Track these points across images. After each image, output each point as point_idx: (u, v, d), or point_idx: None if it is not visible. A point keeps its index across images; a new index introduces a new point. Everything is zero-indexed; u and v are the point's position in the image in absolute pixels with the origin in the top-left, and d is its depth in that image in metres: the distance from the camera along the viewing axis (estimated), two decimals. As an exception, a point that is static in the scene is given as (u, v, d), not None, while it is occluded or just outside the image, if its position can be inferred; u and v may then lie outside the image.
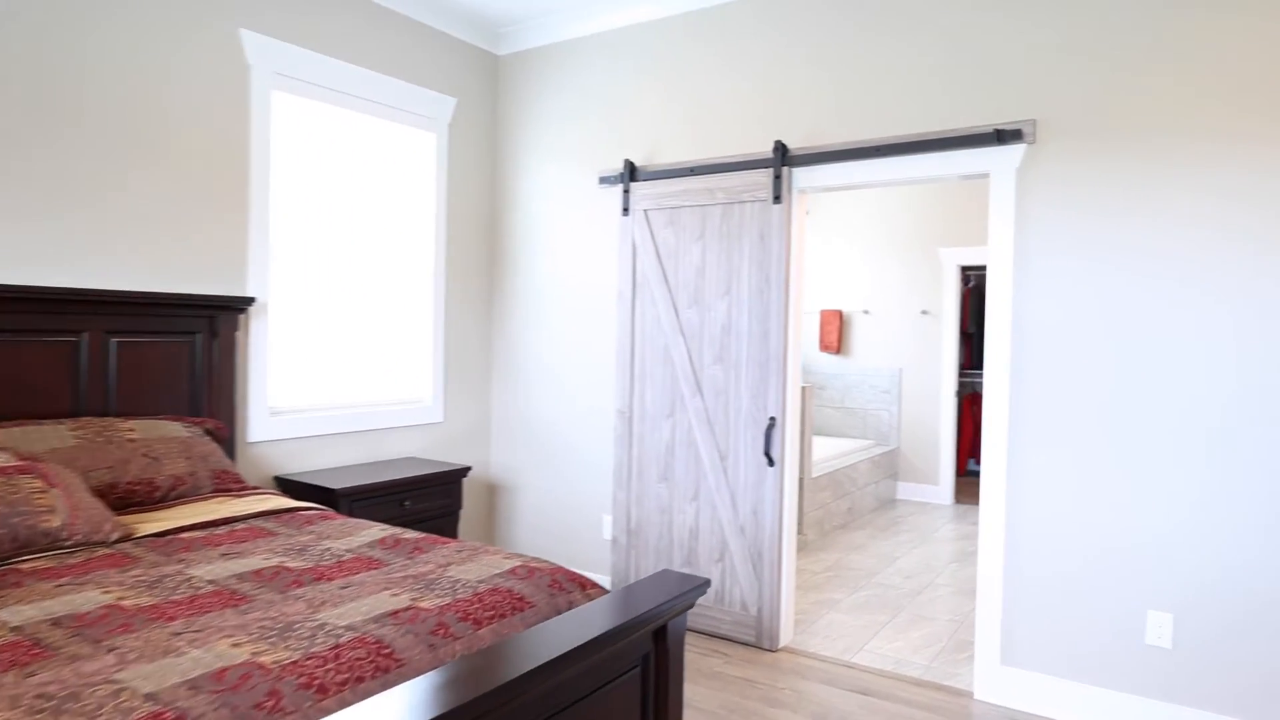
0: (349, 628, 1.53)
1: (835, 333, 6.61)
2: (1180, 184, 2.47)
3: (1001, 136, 2.68)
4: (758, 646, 3.28)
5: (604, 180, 3.81)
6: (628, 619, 1.58)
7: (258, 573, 1.86)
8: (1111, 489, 2.59)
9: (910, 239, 6.31)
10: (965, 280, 7.43)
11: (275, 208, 3.30)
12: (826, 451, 5.69)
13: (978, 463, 7.49)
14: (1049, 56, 2.68)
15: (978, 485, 6.96)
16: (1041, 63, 2.68)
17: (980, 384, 7.62)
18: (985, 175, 2.81)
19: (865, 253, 6.54)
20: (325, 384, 3.56)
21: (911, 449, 6.33)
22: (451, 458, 4.11)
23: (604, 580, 3.88)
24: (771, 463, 3.25)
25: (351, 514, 3.17)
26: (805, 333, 6.88)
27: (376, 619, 1.58)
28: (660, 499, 3.61)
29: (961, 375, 6.67)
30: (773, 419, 3.25)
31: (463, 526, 4.15)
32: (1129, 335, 2.57)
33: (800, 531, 4.84)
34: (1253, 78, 2.37)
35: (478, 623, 1.66)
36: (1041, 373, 2.72)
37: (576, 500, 3.99)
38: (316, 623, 1.55)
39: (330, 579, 1.83)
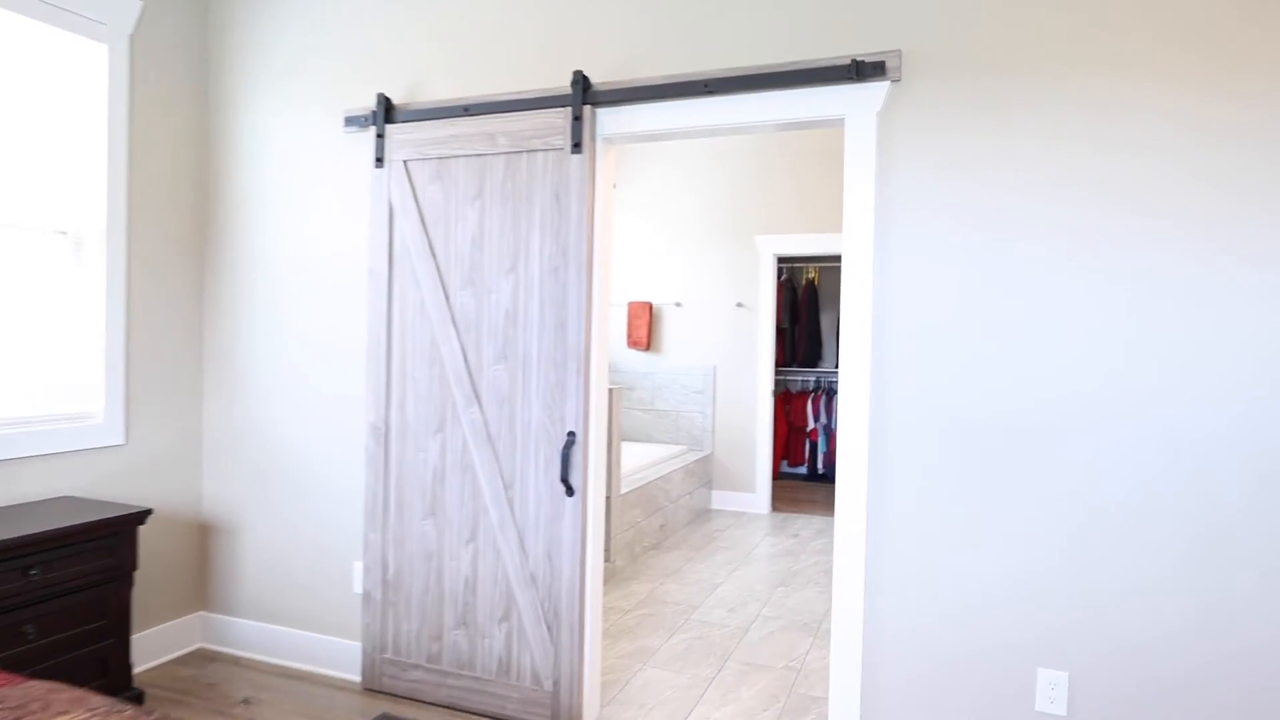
0: None
1: (645, 327, 6.03)
2: (1078, 132, 2.03)
3: (860, 71, 2.11)
4: (554, 732, 2.52)
5: (352, 122, 2.86)
6: None
7: None
8: (996, 514, 2.11)
9: (726, 224, 5.87)
10: (779, 273, 7.20)
11: None
12: (637, 461, 5.06)
13: (791, 465, 7.29)
14: (907, -20, 2.15)
15: (792, 491, 6.70)
16: (898, -13, 2.16)
17: (794, 383, 7.43)
18: (839, 120, 2.24)
19: (676, 238, 6.02)
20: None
21: (726, 454, 5.89)
22: (138, 493, 2.94)
23: (353, 648, 2.92)
24: (571, 491, 2.50)
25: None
26: (612, 327, 6.25)
27: None
28: (426, 540, 2.73)
29: (776, 373, 6.36)
30: (572, 434, 2.50)
31: (150, 592, 2.99)
32: (1018, 322, 2.10)
33: (608, 559, 4.15)
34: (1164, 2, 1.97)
35: None
36: (909, 370, 2.20)
37: (322, 542, 2.99)
38: None
39: None
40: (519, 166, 2.59)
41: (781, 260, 7.24)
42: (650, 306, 6.03)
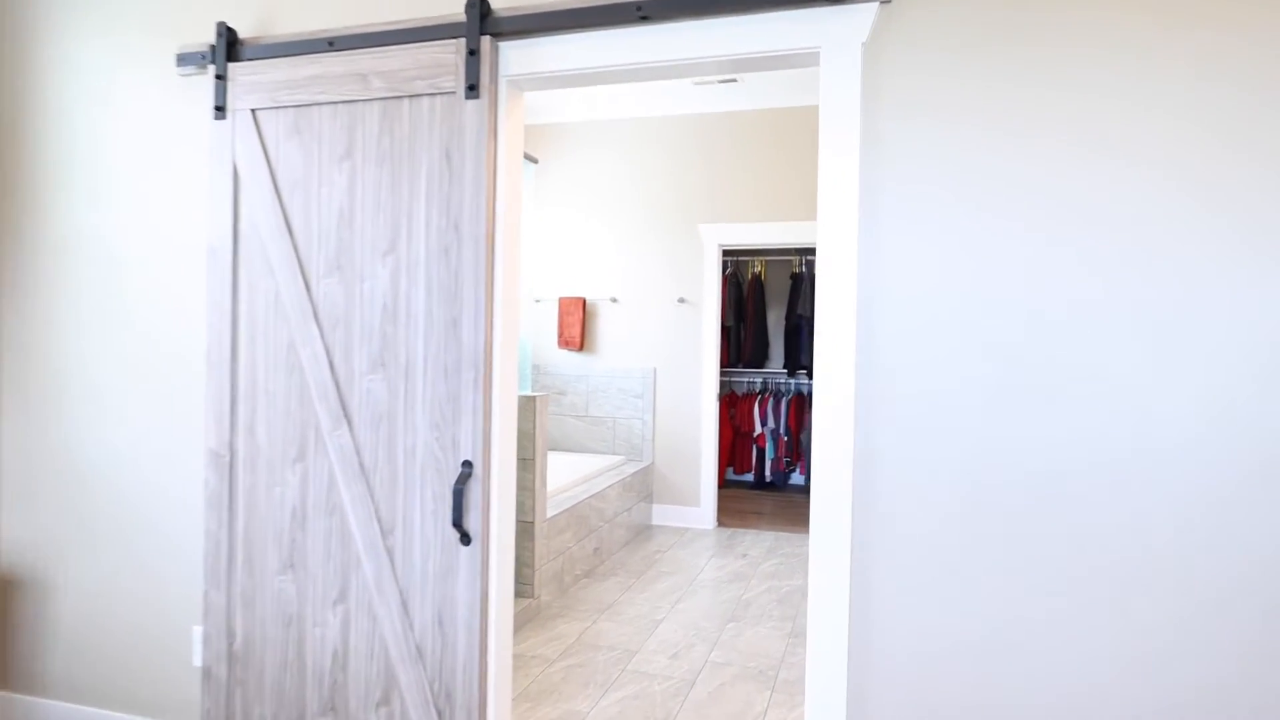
0: None
1: (577, 325, 5.46)
2: (1122, 85, 1.55)
3: (842, -20, 1.60)
4: None
5: (186, 60, 2.21)
6: None
7: None
8: (1014, 563, 1.63)
9: (667, 212, 5.35)
10: (723, 266, 6.72)
11: None
12: (567, 476, 4.49)
13: (737, 472, 6.82)
14: (901, -128, 1.65)
15: (739, 501, 6.23)
16: (889, -119, 1.65)
17: (740, 384, 6.97)
18: (813, 54, 1.72)
19: (612, 228, 5.47)
20: None
21: (668, 465, 5.37)
22: (-114, 549, 2.22)
23: (193, 741, 2.27)
24: (467, 539, 1.92)
25: None
26: (541, 325, 5.65)
27: None
28: (284, 601, 2.11)
29: (720, 374, 5.83)
30: (468, 465, 1.92)
31: (-85, 672, 2.28)
32: (1041, 328, 1.62)
33: (531, 595, 3.57)
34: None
35: None
36: (904, 376, 1.69)
37: (154, 602, 2.33)
38: None
39: None
40: (399, 116, 1.99)
41: (727, 253, 6.77)
42: (583, 303, 5.46)
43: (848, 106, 1.71)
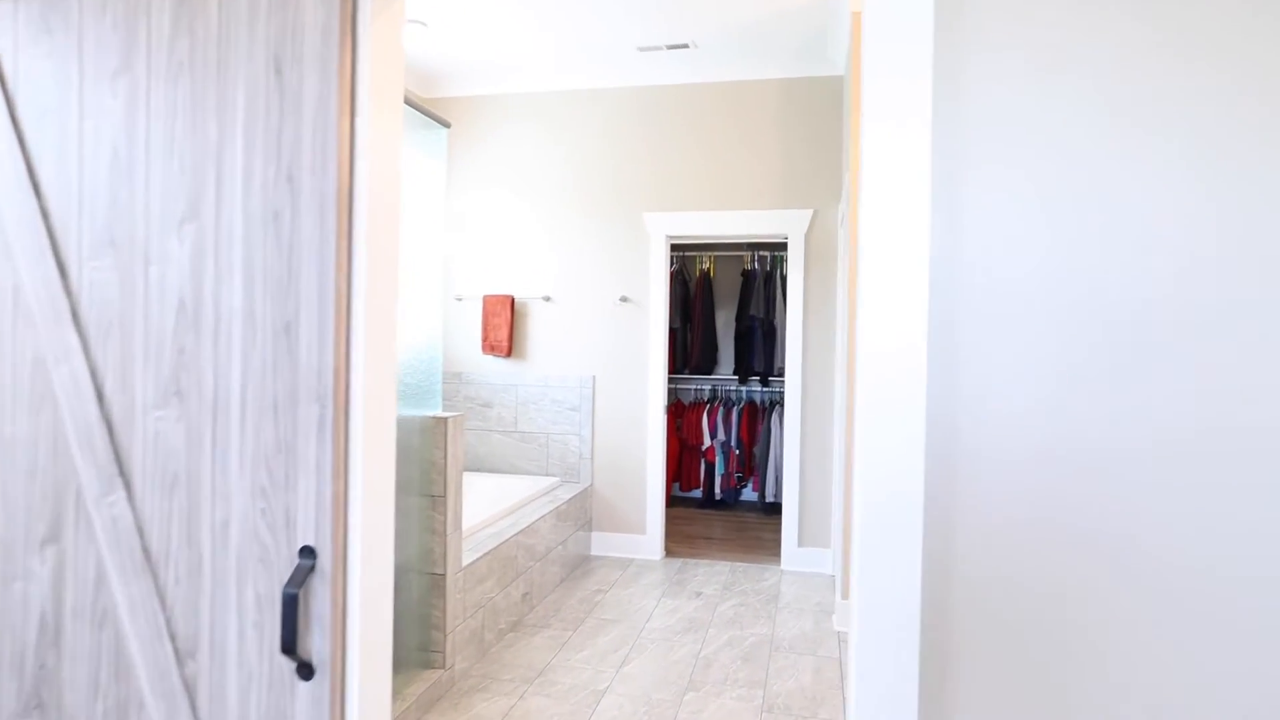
0: None
1: (505, 327, 4.75)
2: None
3: None
4: None
5: (-109, -73, 1.42)
6: None
7: None
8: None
9: (607, 198, 4.69)
10: (670, 261, 6.11)
11: None
12: (490, 507, 3.79)
13: (684, 489, 6.21)
14: None
15: (687, 523, 5.61)
16: None
17: (686, 392, 6.36)
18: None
19: (544, 216, 4.78)
20: None
21: (610, 486, 4.71)
22: None
23: None
24: (307, 672, 1.22)
25: None
26: (463, 327, 4.92)
27: None
28: (34, 758, 1.37)
29: (678, 382, 5.15)
30: (309, 553, 1.22)
31: None
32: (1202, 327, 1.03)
33: (442, 664, 2.86)
34: None
35: None
36: (1007, 392, 1.08)
37: None
38: None
39: None
40: (203, 4, 1.28)
41: (675, 247, 6.15)
42: (511, 301, 4.75)
43: (915, 28, 1.09)
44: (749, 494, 6.31)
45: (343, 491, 1.24)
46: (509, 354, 4.76)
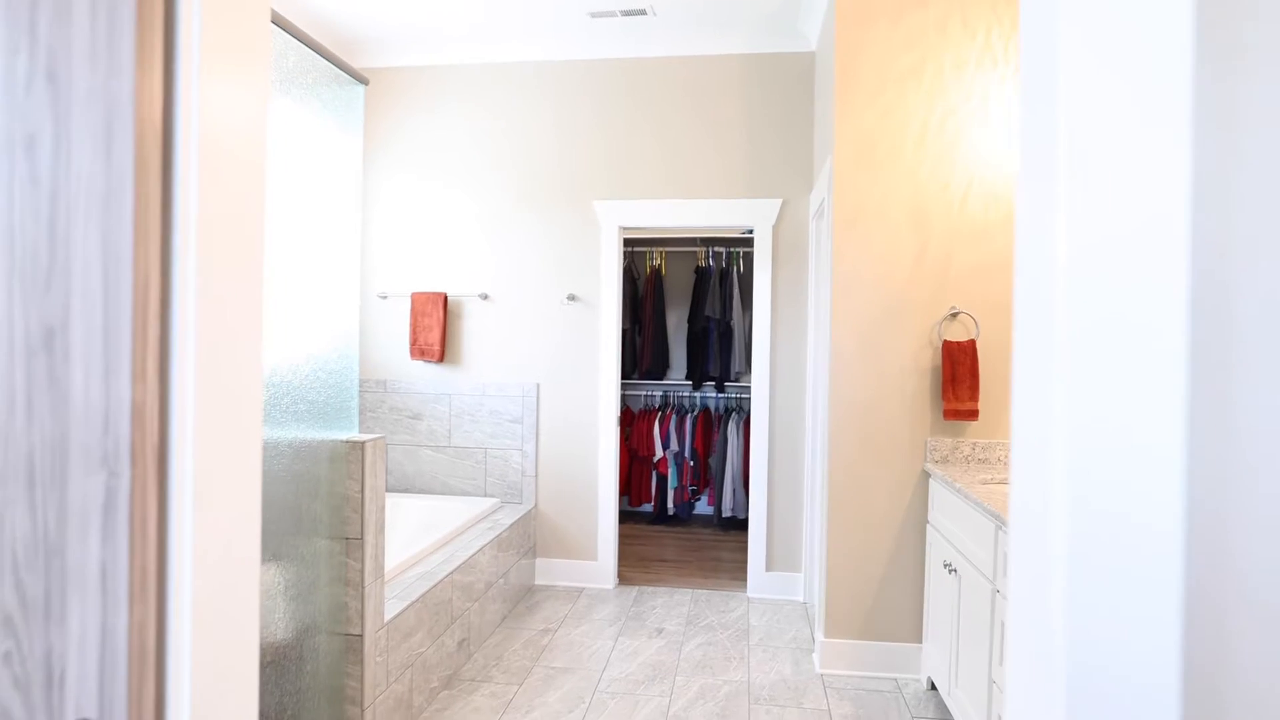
0: None
1: (436, 329, 4.19)
2: None
3: None
4: None
5: None
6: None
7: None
8: None
9: (553, 185, 4.18)
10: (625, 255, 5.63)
11: None
12: (420, 540, 3.24)
13: (633, 504, 5.76)
14: None
15: (639, 542, 5.15)
16: None
17: (636, 399, 5.90)
18: None
19: (481, 205, 4.24)
20: None
21: (556, 507, 4.21)
22: None
23: None
24: None
25: None
26: (389, 329, 4.33)
27: None
28: None
29: (627, 388, 4.64)
30: (92, 735, 0.70)
31: None
32: None
33: (360, 750, 2.31)
34: None
35: None
36: None
37: None
38: None
39: None
40: None
41: (624, 243, 5.68)
42: (444, 300, 4.20)
43: None
44: (703, 507, 5.90)
45: (154, 622, 0.73)
46: (441, 359, 4.21)
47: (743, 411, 5.53)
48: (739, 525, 5.55)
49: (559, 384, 4.18)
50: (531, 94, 4.18)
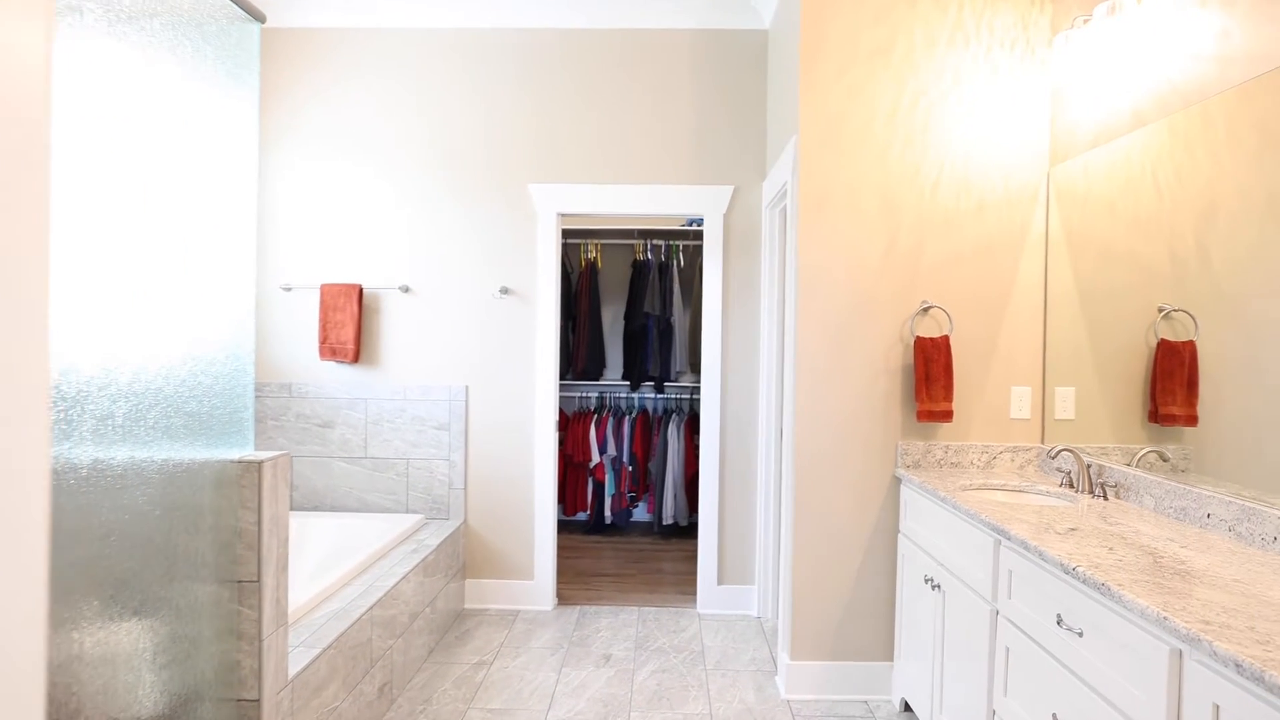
0: None
1: (350, 326, 3.73)
2: None
3: None
4: None
5: None
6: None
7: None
8: None
9: (482, 167, 3.78)
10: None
11: None
12: (333, 570, 2.81)
13: (568, 513, 5.39)
14: None
15: (576, 555, 4.79)
16: None
17: (570, 401, 5.54)
18: None
19: (400, 188, 3.80)
20: None
21: (488, 522, 3.82)
22: None
23: None
24: None
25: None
26: (294, 326, 3.83)
27: None
28: None
29: (561, 389, 4.21)
30: None
31: None
32: None
33: (259, 839, 1.89)
34: None
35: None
36: None
37: None
38: None
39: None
40: None
41: (570, 231, 5.30)
42: (359, 293, 3.74)
43: None
44: (641, 514, 5.60)
45: None
46: (356, 359, 3.74)
47: (684, 413, 5.26)
48: (680, 533, 5.28)
49: (491, 386, 3.78)
50: (457, 65, 3.77)
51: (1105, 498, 2.34)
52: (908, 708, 2.76)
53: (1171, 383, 2.19)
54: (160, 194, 1.59)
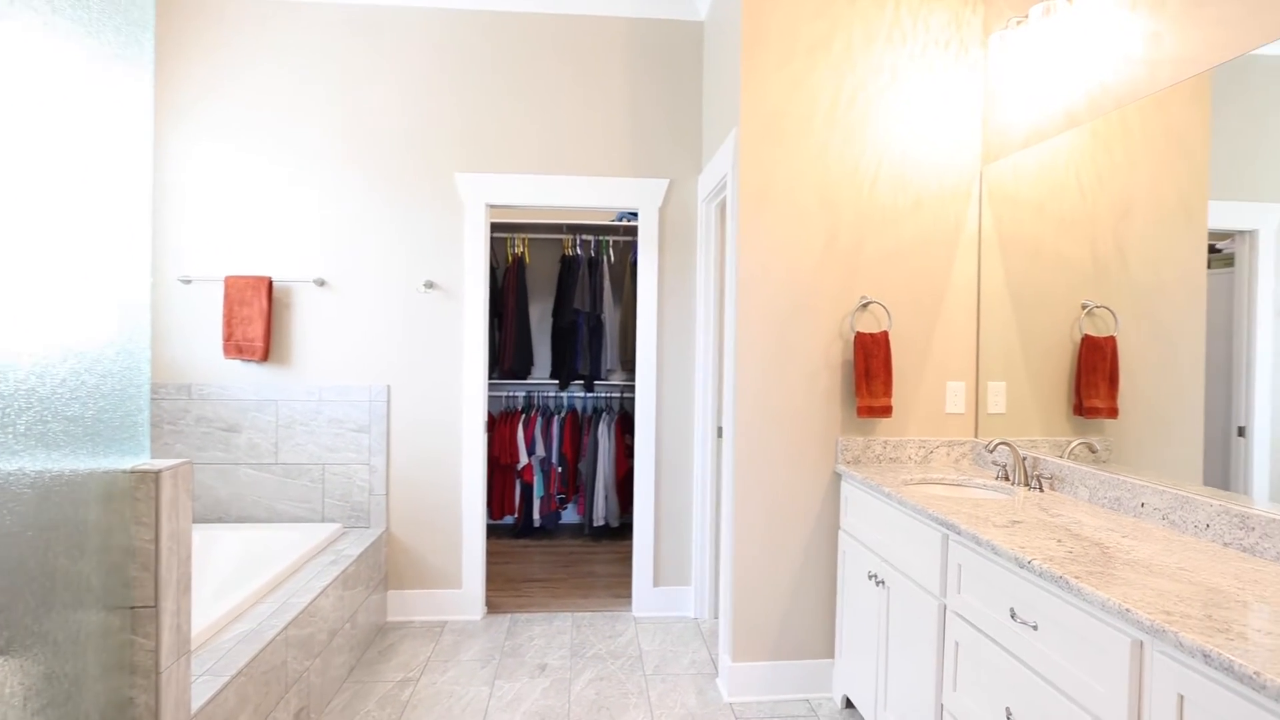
0: None
1: (259, 321, 3.45)
2: None
3: None
4: None
5: None
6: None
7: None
8: None
9: (404, 152, 3.57)
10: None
11: None
12: (242, 588, 2.57)
13: (495, 516, 5.20)
14: None
15: (504, 560, 4.62)
16: None
17: (497, 400, 5.34)
18: None
19: (315, 174, 3.55)
20: None
21: (412, 529, 3.61)
22: None
23: None
24: None
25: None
26: (195, 321, 3.52)
27: None
28: None
29: (490, 389, 4.00)
30: None
31: None
32: None
33: None
34: None
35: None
36: None
37: None
38: None
39: None
40: None
41: (501, 224, 5.10)
42: (268, 286, 3.46)
43: None
44: (570, 516, 5.46)
45: None
46: (265, 357, 3.47)
47: (614, 412, 5.15)
48: (612, 534, 5.17)
49: (414, 385, 3.58)
50: (378, 45, 3.54)
51: (1041, 489, 2.37)
52: (849, 704, 2.75)
53: (1095, 376, 2.23)
54: (23, 163, 1.37)
